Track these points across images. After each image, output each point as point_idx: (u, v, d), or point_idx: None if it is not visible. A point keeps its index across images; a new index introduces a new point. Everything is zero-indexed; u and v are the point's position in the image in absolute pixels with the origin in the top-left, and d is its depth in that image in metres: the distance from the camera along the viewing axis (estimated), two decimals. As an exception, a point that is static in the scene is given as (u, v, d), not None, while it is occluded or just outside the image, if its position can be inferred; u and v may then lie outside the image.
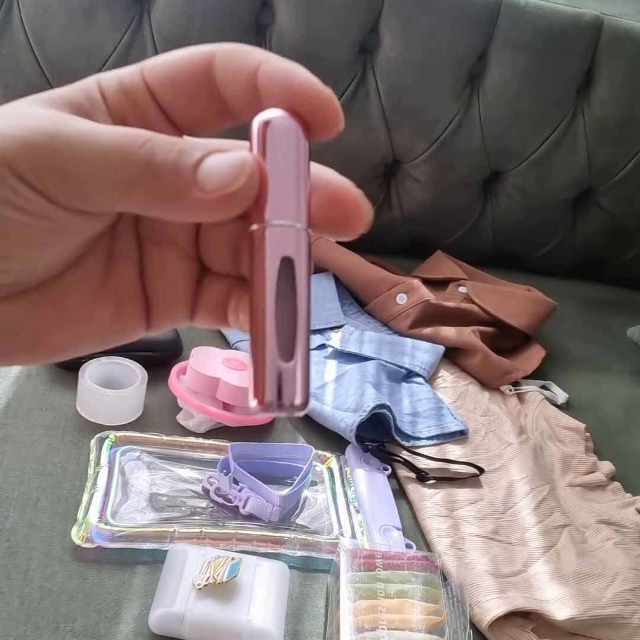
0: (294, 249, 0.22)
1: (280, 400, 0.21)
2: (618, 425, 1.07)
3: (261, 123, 0.22)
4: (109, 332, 0.27)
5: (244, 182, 0.21)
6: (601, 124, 1.31)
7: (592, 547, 0.81)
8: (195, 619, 0.61)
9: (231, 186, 0.21)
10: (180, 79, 0.23)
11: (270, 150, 0.22)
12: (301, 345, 0.21)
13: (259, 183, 0.22)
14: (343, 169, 0.24)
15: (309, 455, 0.80)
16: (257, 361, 0.21)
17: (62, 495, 0.72)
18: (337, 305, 1.10)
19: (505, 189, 1.36)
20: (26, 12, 1.14)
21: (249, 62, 0.22)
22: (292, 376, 0.21)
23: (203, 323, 0.28)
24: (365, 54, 1.23)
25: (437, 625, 0.64)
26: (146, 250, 0.27)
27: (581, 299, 1.37)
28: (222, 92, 0.23)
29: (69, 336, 0.26)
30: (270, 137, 0.22)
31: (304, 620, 0.66)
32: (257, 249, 0.22)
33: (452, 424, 0.93)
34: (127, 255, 0.26)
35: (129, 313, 0.27)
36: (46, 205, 0.22)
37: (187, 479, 0.77)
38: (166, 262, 0.27)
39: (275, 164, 0.22)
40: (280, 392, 0.21)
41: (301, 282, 0.22)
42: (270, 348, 0.21)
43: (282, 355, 0.21)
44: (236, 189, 0.21)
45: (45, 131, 0.21)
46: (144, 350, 0.89)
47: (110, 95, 0.24)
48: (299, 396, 0.21)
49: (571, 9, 1.24)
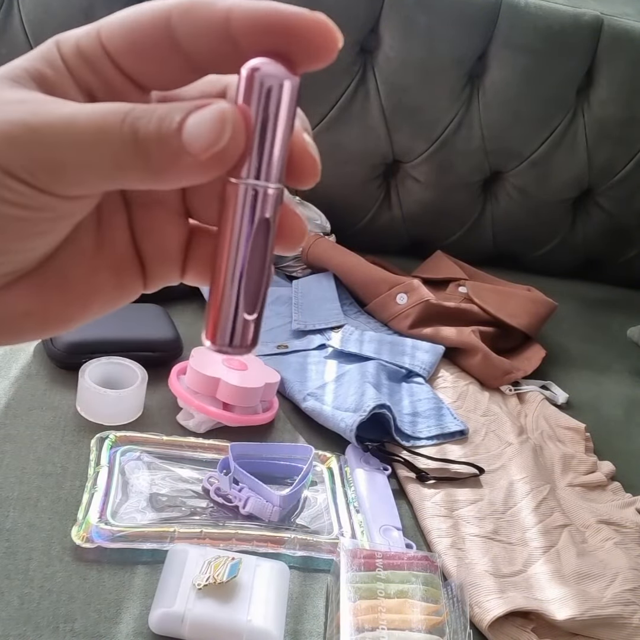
0: (271, 211, 0.22)
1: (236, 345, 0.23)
2: (618, 425, 1.07)
3: (246, 74, 0.22)
4: (111, 297, 0.27)
5: (229, 135, 0.21)
6: (601, 124, 1.32)
7: (592, 547, 0.81)
8: (195, 619, 0.61)
9: (219, 143, 0.21)
10: (138, 42, 0.22)
11: (255, 102, 0.22)
12: (262, 301, 0.23)
13: (246, 132, 0.21)
14: (343, 169, 0.24)
15: (309, 455, 0.80)
16: (220, 309, 0.23)
17: (62, 495, 0.72)
18: (337, 305, 1.10)
19: (505, 189, 1.36)
20: (26, 12, 1.14)
21: (214, 13, 0.21)
22: (251, 327, 0.23)
23: (193, 281, 0.28)
24: (365, 54, 1.23)
25: (437, 625, 0.64)
26: (135, 214, 0.27)
27: (581, 299, 1.37)
28: (186, 48, 0.22)
29: (74, 309, 0.26)
30: (255, 89, 0.22)
31: (304, 620, 0.66)
32: (236, 203, 0.22)
33: (452, 424, 0.93)
34: (115, 221, 0.27)
35: (127, 276, 0.27)
36: (41, 197, 0.22)
37: (187, 479, 0.77)
38: (156, 222, 0.27)
39: (260, 115, 0.22)
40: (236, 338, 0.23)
41: (271, 243, 0.23)
42: (237, 301, 0.23)
43: (247, 309, 0.23)
44: (224, 145, 0.21)
45: (27, 124, 0.21)
46: (144, 350, 0.89)
47: (72, 63, 0.23)
48: (251, 342, 0.24)
49: (571, 9, 1.24)
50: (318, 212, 1.24)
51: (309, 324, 1.06)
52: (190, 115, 0.21)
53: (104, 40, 0.23)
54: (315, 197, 1.22)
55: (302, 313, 1.08)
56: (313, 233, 1.20)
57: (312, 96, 1.24)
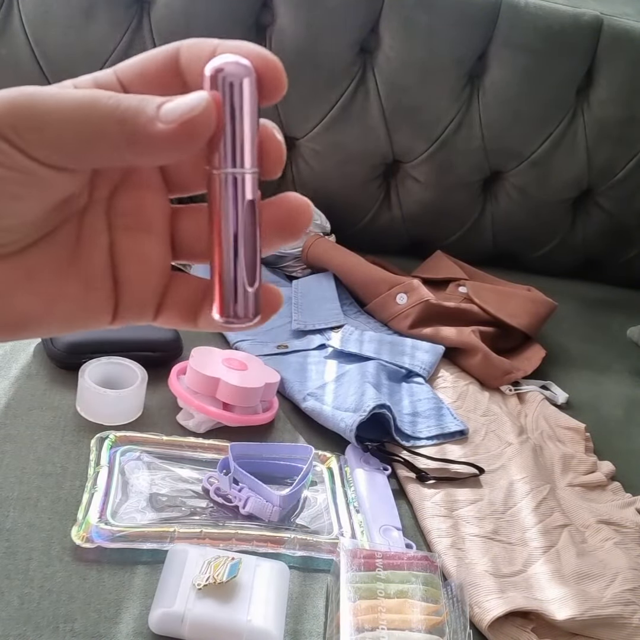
0: (253, 193, 0.25)
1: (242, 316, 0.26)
2: (618, 425, 1.07)
3: (213, 69, 0.24)
4: (75, 310, 0.28)
5: (202, 107, 0.23)
6: (601, 124, 1.32)
7: (592, 547, 0.81)
8: (195, 619, 0.61)
9: (190, 112, 0.23)
10: (149, 71, 0.26)
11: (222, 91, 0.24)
12: (259, 273, 0.26)
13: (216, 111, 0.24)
14: (343, 169, 0.24)
15: (309, 455, 0.80)
16: (225, 286, 0.26)
17: (62, 495, 0.72)
18: (337, 305, 1.10)
19: (505, 189, 1.36)
20: (26, 12, 1.14)
21: (208, 47, 0.25)
22: (253, 298, 0.26)
23: (168, 319, 0.29)
24: (365, 54, 1.23)
25: (437, 625, 0.64)
26: (118, 237, 0.28)
27: (581, 299, 1.37)
28: (187, 77, 0.26)
29: (35, 304, 0.27)
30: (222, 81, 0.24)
31: (304, 620, 0.66)
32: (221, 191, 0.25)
33: (452, 424, 0.93)
34: (95, 240, 0.28)
35: (97, 296, 0.28)
36: (23, 160, 0.23)
37: (187, 479, 0.77)
38: (140, 248, 0.28)
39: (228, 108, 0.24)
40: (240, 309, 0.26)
41: (258, 219, 0.25)
42: (238, 277, 0.25)
43: (249, 282, 0.26)
44: (195, 114, 0.23)
45: (24, 92, 0.23)
46: (144, 350, 0.89)
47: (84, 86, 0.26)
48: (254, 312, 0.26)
49: (571, 9, 1.24)
50: (318, 212, 1.24)
51: (308, 324, 1.06)
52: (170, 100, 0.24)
53: (119, 73, 0.26)
54: (315, 197, 1.21)
55: (302, 313, 1.08)
56: (313, 233, 1.20)
57: (312, 96, 1.24)
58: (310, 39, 1.20)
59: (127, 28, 1.16)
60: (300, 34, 1.19)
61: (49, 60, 1.16)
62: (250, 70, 0.24)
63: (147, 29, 1.16)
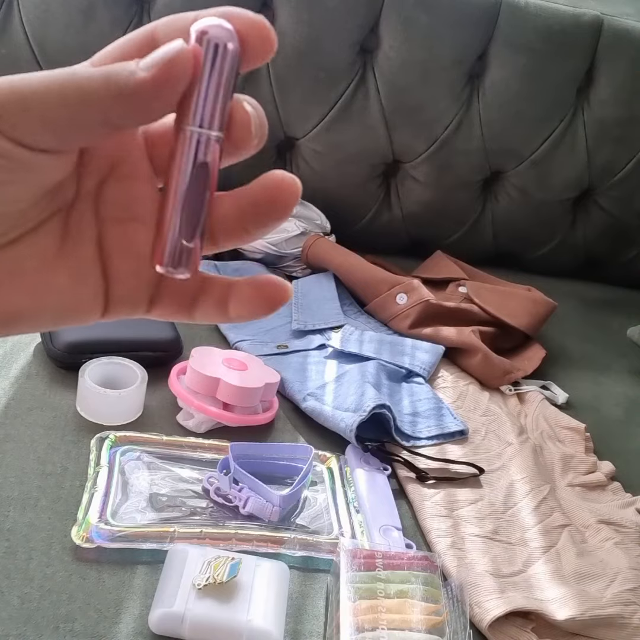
0: (210, 155, 0.25)
1: (178, 267, 0.26)
2: (618, 425, 1.07)
3: (198, 31, 0.25)
4: (65, 304, 0.27)
5: (178, 50, 0.23)
6: (601, 124, 1.32)
7: (592, 547, 0.81)
8: (195, 619, 0.61)
9: (168, 54, 0.23)
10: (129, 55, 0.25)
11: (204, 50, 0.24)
12: (199, 233, 0.26)
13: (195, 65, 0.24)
14: (343, 168, 0.24)
15: (309, 455, 0.80)
16: (165, 236, 0.26)
17: (62, 495, 0.72)
18: (337, 305, 1.10)
19: (505, 189, 1.36)
20: (26, 12, 1.14)
21: (185, 18, 0.25)
22: (190, 253, 0.26)
23: (163, 311, 0.28)
24: (365, 54, 1.23)
25: (437, 625, 0.64)
26: (107, 229, 0.28)
27: (581, 299, 1.37)
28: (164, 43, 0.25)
29: (23, 299, 0.26)
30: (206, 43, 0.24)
31: (304, 620, 0.66)
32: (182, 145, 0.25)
33: (452, 424, 0.93)
34: (84, 233, 0.27)
35: (86, 289, 0.27)
36: (7, 145, 0.23)
37: (187, 479, 0.77)
38: (130, 239, 0.28)
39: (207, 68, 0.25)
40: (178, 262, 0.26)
41: (212, 184, 0.26)
42: (178, 230, 0.26)
43: (186, 237, 0.26)
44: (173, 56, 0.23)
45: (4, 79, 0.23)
46: (144, 350, 0.89)
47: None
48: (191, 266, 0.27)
49: (571, 9, 1.24)
50: (318, 212, 1.24)
51: (309, 324, 1.06)
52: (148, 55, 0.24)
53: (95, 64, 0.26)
54: (315, 197, 1.22)
55: (302, 313, 1.08)
56: (313, 233, 1.20)
57: (312, 96, 1.24)
58: (310, 39, 1.20)
59: (127, 28, 1.16)
60: (300, 33, 1.19)
61: (48, 60, 1.16)
62: (233, 35, 0.24)
63: (147, 28, 1.16)
